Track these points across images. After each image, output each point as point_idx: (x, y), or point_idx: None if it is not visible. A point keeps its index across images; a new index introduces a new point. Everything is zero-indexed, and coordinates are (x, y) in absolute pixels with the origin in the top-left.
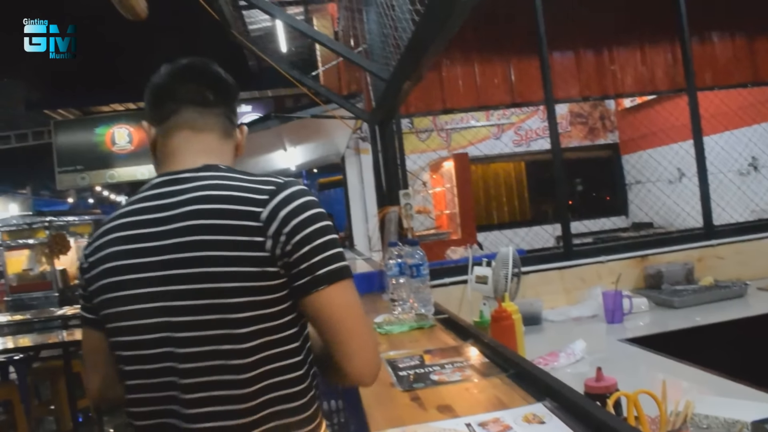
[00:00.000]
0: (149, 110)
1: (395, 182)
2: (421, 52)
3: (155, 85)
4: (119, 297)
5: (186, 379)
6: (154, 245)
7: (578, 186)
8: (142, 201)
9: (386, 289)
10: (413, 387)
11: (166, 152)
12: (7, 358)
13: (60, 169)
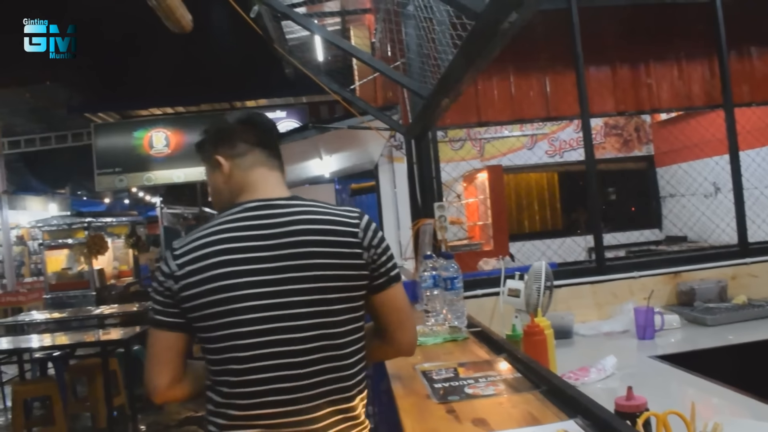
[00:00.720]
0: (221, 147)
1: (430, 195)
2: (462, 74)
3: (228, 129)
4: (235, 296)
5: (298, 357)
6: (268, 254)
7: (611, 195)
8: (243, 220)
9: (419, 300)
10: (448, 399)
11: (247, 183)
12: (47, 354)
13: (99, 171)
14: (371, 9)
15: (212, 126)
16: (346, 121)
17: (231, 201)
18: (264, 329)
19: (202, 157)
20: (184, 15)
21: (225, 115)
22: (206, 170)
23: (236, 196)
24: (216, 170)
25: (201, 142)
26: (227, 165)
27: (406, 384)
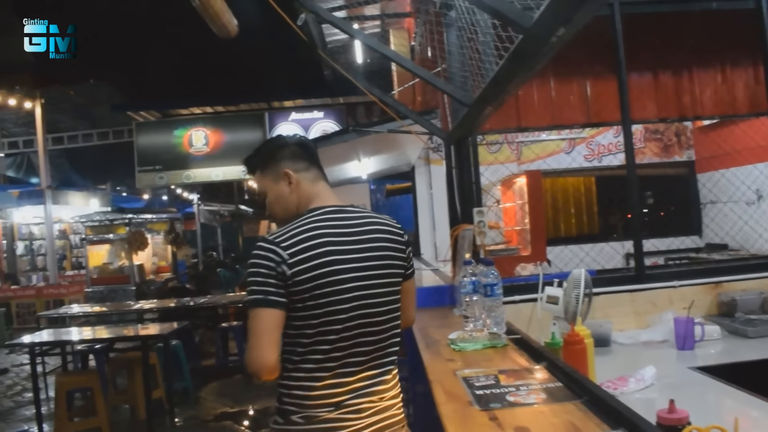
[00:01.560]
0: (288, 162)
1: (469, 200)
2: (507, 84)
3: (293, 147)
4: (337, 277)
5: (378, 326)
6: (355, 247)
7: (649, 199)
8: (329, 220)
9: (457, 305)
10: (490, 407)
11: (315, 193)
12: (88, 347)
13: (140, 169)
14: (411, 13)
15: (272, 144)
16: (386, 125)
17: (297, 208)
18: (356, 304)
19: (264, 170)
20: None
21: (278, 137)
22: (266, 181)
23: (306, 203)
24: (281, 181)
25: (265, 156)
26: (295, 177)
27: (448, 389)
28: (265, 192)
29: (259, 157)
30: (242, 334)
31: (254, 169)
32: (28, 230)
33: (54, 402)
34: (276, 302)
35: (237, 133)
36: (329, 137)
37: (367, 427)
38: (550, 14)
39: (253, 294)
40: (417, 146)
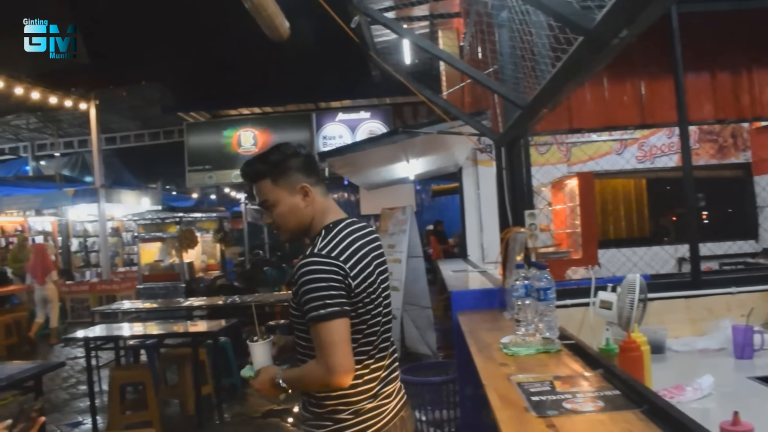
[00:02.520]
0: (303, 176)
1: (521, 202)
2: (564, 86)
3: (308, 158)
4: (376, 287)
5: (389, 320)
6: (376, 253)
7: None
8: (356, 231)
9: (508, 308)
10: (547, 414)
11: (329, 206)
12: (140, 342)
13: (190, 168)
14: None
15: (282, 153)
16: (436, 126)
17: (311, 221)
18: (387, 303)
19: (277, 180)
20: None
21: (285, 145)
22: (280, 192)
23: (321, 216)
24: (297, 194)
25: (276, 165)
26: (312, 191)
27: (502, 394)
28: (271, 201)
29: (267, 165)
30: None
31: (260, 177)
32: (82, 228)
33: (108, 395)
34: (347, 312)
35: (285, 133)
36: (378, 138)
37: (395, 408)
38: (614, 15)
39: (328, 307)
40: (465, 147)
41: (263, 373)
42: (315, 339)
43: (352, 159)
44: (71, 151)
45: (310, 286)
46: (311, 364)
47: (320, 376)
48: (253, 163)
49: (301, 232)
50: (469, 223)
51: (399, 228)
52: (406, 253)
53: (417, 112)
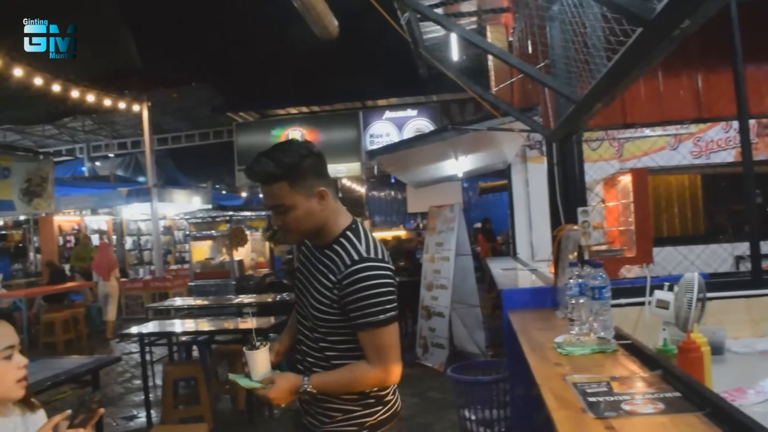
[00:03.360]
0: (319, 179)
1: (573, 199)
2: (621, 79)
3: (320, 162)
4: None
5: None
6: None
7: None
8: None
9: (561, 307)
10: (605, 415)
11: (339, 208)
12: (192, 338)
13: (239, 167)
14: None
15: (296, 154)
16: (486, 123)
17: (326, 224)
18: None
19: (294, 183)
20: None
21: (294, 144)
22: (296, 195)
23: (334, 218)
24: (312, 198)
25: (293, 168)
26: (327, 194)
27: (558, 394)
28: (287, 205)
29: (283, 167)
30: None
31: (275, 180)
32: (135, 226)
33: (161, 390)
34: (396, 316)
35: (332, 132)
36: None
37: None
38: (676, 5)
39: (388, 312)
40: (514, 144)
41: (282, 382)
42: (371, 342)
43: (401, 157)
44: (125, 152)
45: (370, 292)
46: (362, 366)
47: (376, 376)
48: (266, 163)
49: (312, 235)
50: (518, 221)
51: (447, 226)
52: (454, 251)
53: (464, 109)
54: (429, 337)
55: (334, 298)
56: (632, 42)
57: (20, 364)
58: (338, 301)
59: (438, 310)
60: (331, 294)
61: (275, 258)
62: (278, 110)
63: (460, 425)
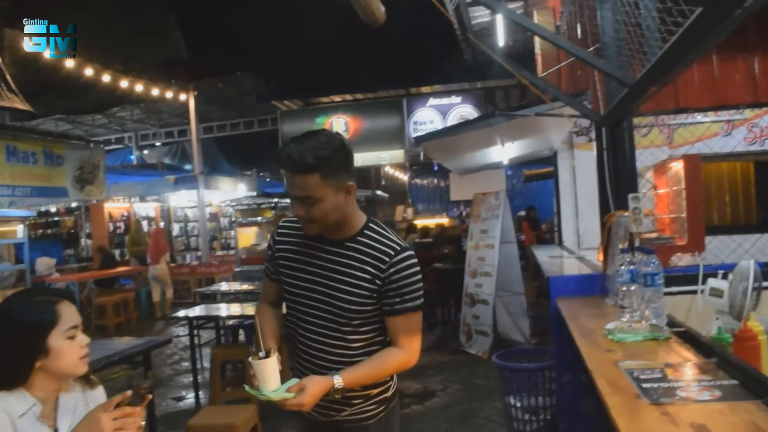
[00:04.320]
0: (345, 171)
1: (624, 185)
2: (677, 62)
3: (350, 152)
4: None
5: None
6: None
7: None
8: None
9: (610, 295)
10: (661, 401)
11: (354, 202)
12: (239, 322)
13: None
14: None
15: (331, 146)
16: (534, 108)
17: (346, 217)
18: None
19: (327, 176)
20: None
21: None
22: (326, 188)
23: (354, 212)
24: (341, 192)
25: (328, 160)
26: (354, 188)
27: (611, 380)
28: (317, 197)
29: (319, 159)
30: None
31: (310, 170)
32: (182, 213)
33: (209, 372)
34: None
35: (376, 119)
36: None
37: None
38: None
39: (422, 297)
40: (561, 130)
41: (313, 387)
42: (407, 326)
43: (448, 143)
44: (171, 140)
45: (414, 278)
46: (391, 352)
47: (405, 360)
48: (301, 153)
49: (333, 228)
50: (564, 209)
51: (492, 213)
52: (499, 238)
53: (509, 96)
54: (473, 325)
55: (375, 288)
56: (690, 23)
57: (82, 343)
58: (379, 290)
59: (482, 297)
60: (373, 285)
61: None
62: (322, 98)
63: (505, 412)
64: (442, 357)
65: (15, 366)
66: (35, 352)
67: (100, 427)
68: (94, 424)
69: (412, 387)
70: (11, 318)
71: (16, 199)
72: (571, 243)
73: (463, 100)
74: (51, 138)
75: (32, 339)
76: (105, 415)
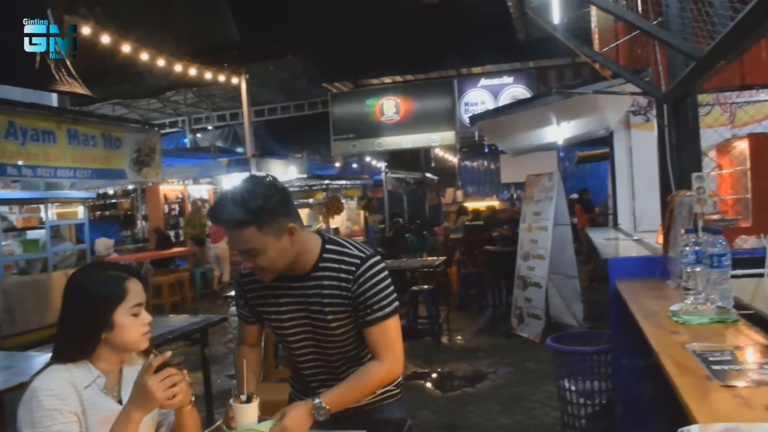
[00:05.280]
0: (284, 215)
1: (688, 165)
2: (751, 34)
3: (288, 197)
4: None
5: None
6: None
7: None
8: None
9: (672, 277)
10: (732, 383)
11: (305, 233)
12: None
13: (335, 137)
14: None
15: (262, 197)
16: (592, 86)
17: (297, 256)
18: None
19: (263, 226)
20: None
21: (260, 183)
22: (266, 238)
23: (308, 246)
24: (283, 236)
25: (259, 212)
26: (297, 229)
27: (679, 362)
28: (258, 249)
29: (251, 213)
30: (431, 298)
31: (243, 225)
32: None
33: (263, 350)
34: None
35: (426, 100)
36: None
37: None
38: None
39: (395, 302)
40: (618, 109)
41: (292, 411)
42: (381, 336)
43: (502, 122)
44: (224, 124)
45: (382, 285)
46: (373, 367)
47: (388, 371)
48: (231, 210)
49: (289, 268)
50: (620, 190)
51: (545, 195)
52: (552, 220)
53: (562, 76)
54: (525, 308)
55: (351, 306)
56: None
57: (145, 321)
58: (351, 303)
59: (535, 280)
60: (348, 304)
61: (369, 227)
62: (372, 80)
63: (559, 395)
64: (493, 340)
65: (82, 336)
66: (101, 324)
67: (150, 392)
68: (144, 390)
69: (463, 369)
70: (82, 289)
71: (76, 181)
72: (627, 226)
73: (515, 81)
74: (109, 121)
75: (100, 312)
76: (151, 379)
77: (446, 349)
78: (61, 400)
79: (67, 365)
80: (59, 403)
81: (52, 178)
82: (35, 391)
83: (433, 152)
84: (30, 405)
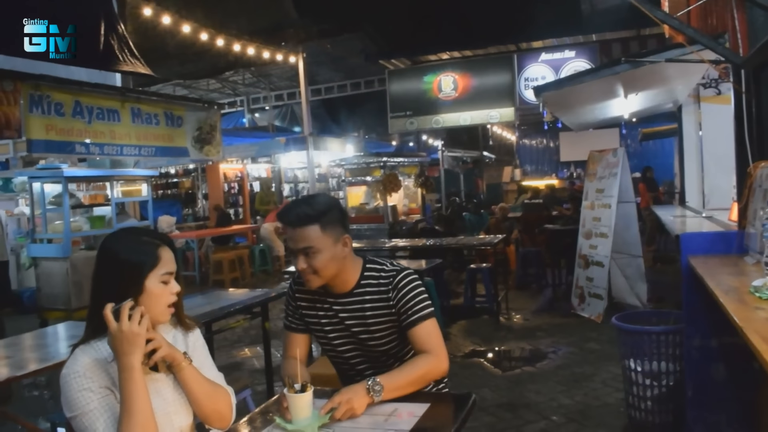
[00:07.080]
0: (341, 226)
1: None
2: None
3: (344, 210)
4: None
5: None
6: None
7: None
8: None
9: (750, 253)
10: None
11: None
12: None
13: (392, 115)
14: None
15: (329, 203)
16: (664, 54)
17: (344, 268)
18: None
19: (326, 227)
20: None
21: (322, 195)
22: (326, 239)
23: (353, 263)
24: (339, 244)
25: (329, 215)
26: (350, 241)
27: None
28: (317, 248)
29: (317, 211)
30: (489, 277)
31: (309, 222)
32: (292, 174)
33: None
34: None
35: (485, 77)
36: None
37: None
38: None
39: (430, 308)
40: (689, 81)
41: (347, 391)
42: (429, 334)
43: (566, 95)
44: (281, 103)
45: (421, 289)
46: (421, 357)
47: (437, 362)
48: (300, 207)
49: (332, 279)
50: (688, 167)
51: (609, 171)
52: (616, 197)
53: (627, 49)
54: (586, 287)
55: (392, 313)
56: None
57: (173, 290)
58: (396, 312)
59: (597, 259)
60: (392, 315)
61: (426, 205)
62: (430, 56)
63: (624, 376)
64: (552, 319)
65: (111, 298)
66: (133, 289)
67: (126, 331)
68: (120, 334)
69: (522, 348)
70: (115, 253)
71: (140, 159)
72: (695, 203)
73: (578, 55)
74: (171, 100)
75: (132, 276)
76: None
77: (505, 328)
78: (89, 378)
79: (90, 343)
80: (89, 383)
81: (119, 155)
82: (65, 378)
83: (491, 130)
84: (66, 392)
